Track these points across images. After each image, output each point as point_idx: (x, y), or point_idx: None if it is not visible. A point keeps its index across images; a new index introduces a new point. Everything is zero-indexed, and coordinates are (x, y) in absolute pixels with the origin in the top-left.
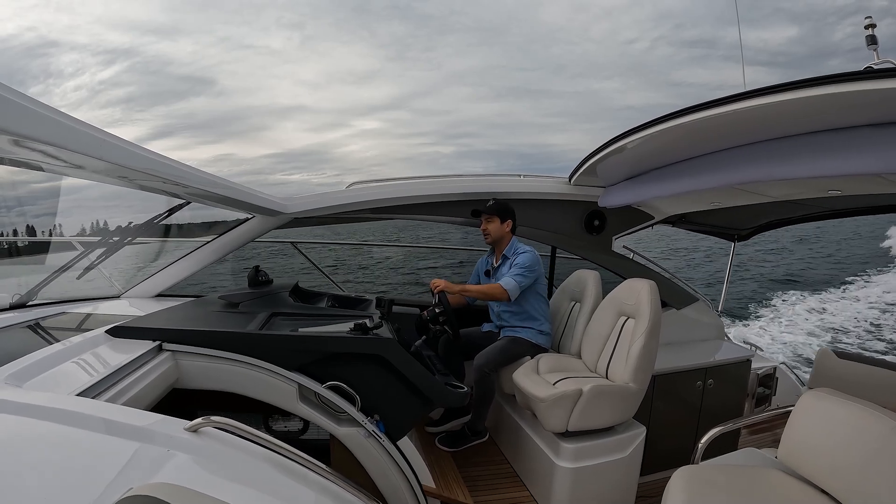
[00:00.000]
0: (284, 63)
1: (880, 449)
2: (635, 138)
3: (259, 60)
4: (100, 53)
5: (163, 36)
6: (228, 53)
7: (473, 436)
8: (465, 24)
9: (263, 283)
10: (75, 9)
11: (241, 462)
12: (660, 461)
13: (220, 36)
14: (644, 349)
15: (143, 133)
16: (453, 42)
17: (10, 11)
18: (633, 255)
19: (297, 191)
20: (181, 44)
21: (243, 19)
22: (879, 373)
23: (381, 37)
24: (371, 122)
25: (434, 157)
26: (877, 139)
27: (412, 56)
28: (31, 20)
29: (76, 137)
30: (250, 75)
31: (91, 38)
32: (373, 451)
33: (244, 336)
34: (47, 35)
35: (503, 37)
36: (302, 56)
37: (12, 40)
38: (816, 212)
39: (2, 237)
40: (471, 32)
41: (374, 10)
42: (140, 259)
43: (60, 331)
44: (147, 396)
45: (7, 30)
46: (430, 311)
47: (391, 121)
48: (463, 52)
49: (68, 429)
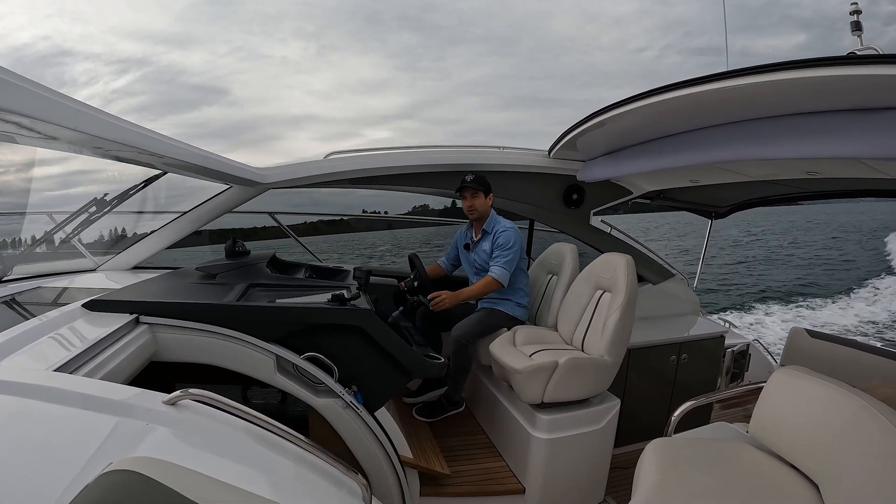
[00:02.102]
0: (296, 73)
1: (849, 426)
2: (616, 113)
3: (271, 70)
4: (113, 63)
5: (175, 45)
6: (241, 63)
7: (450, 406)
8: (475, 34)
9: (240, 253)
10: (89, 19)
11: (220, 434)
12: (633, 433)
13: (233, 46)
14: (620, 323)
15: None
16: (463, 52)
17: (25, 20)
18: (610, 229)
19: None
20: (194, 53)
21: (261, 29)
22: (850, 353)
23: (391, 47)
24: (382, 132)
25: None
26: (857, 124)
27: (423, 66)
28: (46, 29)
29: (50, 108)
30: (263, 85)
31: (105, 47)
32: (351, 421)
33: (221, 308)
34: (62, 44)
35: (513, 46)
36: (314, 66)
37: (27, 49)
38: (795, 192)
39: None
40: (481, 42)
41: (385, 21)
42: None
43: (36, 305)
44: (125, 370)
45: (22, 39)
46: (407, 282)
47: (402, 130)
48: (473, 62)
49: (46, 405)
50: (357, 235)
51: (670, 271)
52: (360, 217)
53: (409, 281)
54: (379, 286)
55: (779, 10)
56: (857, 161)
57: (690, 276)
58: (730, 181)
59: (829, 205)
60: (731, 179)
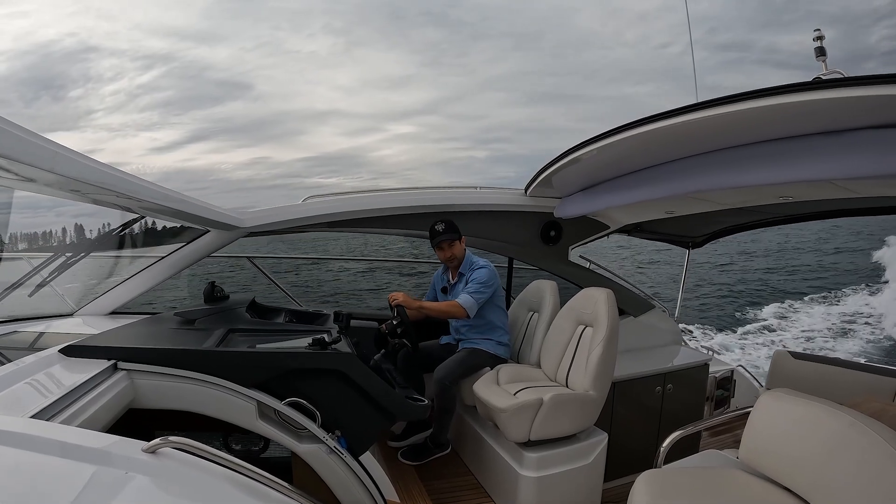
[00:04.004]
0: (320, 68)
1: (839, 444)
2: (590, 149)
3: (296, 66)
4: (138, 59)
5: (200, 41)
6: (265, 59)
7: (436, 448)
8: (498, 30)
9: (219, 298)
10: (115, 15)
11: (201, 483)
12: (623, 466)
13: (259, 41)
14: (603, 357)
15: (180, 136)
16: (487, 48)
17: (51, 17)
18: (589, 264)
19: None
20: (218, 49)
21: (290, 25)
22: (834, 371)
23: (415, 42)
24: (405, 127)
25: (468, 162)
26: (827, 147)
27: (446, 62)
28: (72, 26)
29: (27, 149)
30: (287, 81)
31: (130, 43)
32: (335, 467)
33: (201, 353)
34: (87, 41)
35: (536, 42)
36: (338, 62)
37: (53, 45)
38: (770, 217)
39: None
40: (504, 38)
41: (409, 17)
42: (94, 275)
43: (12, 350)
44: (103, 417)
45: (48, 35)
46: (388, 325)
47: (425, 125)
48: (496, 58)
49: (22, 452)
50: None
51: (650, 303)
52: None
53: (390, 323)
54: (360, 329)
55: (803, 6)
56: (828, 182)
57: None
58: (705, 210)
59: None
60: (706, 209)
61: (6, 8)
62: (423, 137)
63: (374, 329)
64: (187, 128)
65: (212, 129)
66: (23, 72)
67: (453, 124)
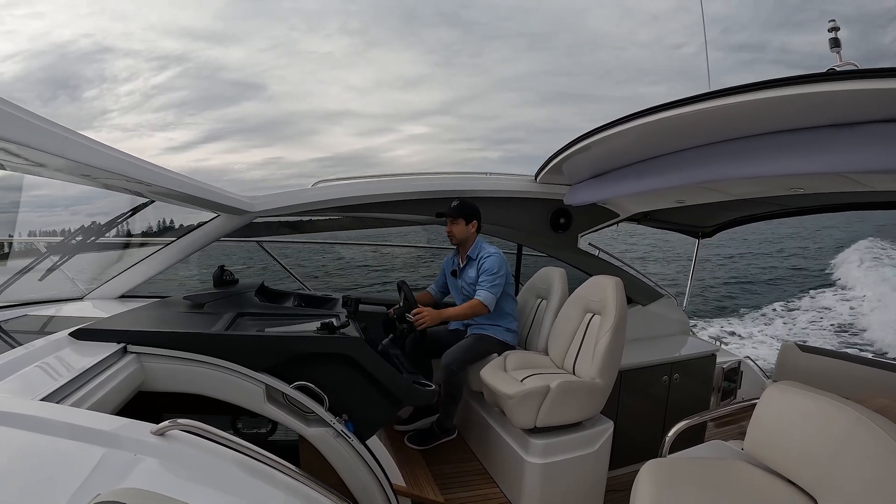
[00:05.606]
0: (333, 69)
1: (845, 439)
2: (601, 137)
3: (308, 66)
4: (153, 59)
5: (214, 42)
6: (278, 59)
7: (442, 433)
8: (511, 30)
9: (229, 282)
10: (130, 16)
11: (209, 465)
12: (628, 455)
13: (272, 42)
14: (610, 345)
15: (194, 136)
16: (500, 48)
17: (66, 18)
18: (598, 252)
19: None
20: (232, 50)
21: (306, 26)
22: (842, 365)
23: (428, 43)
24: (419, 128)
25: (481, 163)
26: (839, 139)
27: (459, 62)
28: (87, 27)
29: (38, 135)
30: (300, 81)
31: (145, 44)
32: (342, 450)
33: (210, 337)
34: (102, 41)
35: (550, 42)
36: (351, 62)
37: (69, 46)
38: (780, 209)
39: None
40: (517, 38)
41: (422, 17)
42: (103, 259)
43: (22, 334)
44: (113, 400)
45: (64, 36)
46: (396, 309)
47: (439, 126)
48: (509, 58)
49: (32, 435)
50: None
51: (659, 292)
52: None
53: (399, 308)
54: (368, 314)
55: (817, 6)
56: (840, 175)
57: (679, 295)
58: (715, 200)
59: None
60: (717, 199)
61: (22, 9)
62: (436, 138)
63: (383, 314)
64: (202, 128)
65: (226, 130)
66: (39, 72)
67: (467, 125)
